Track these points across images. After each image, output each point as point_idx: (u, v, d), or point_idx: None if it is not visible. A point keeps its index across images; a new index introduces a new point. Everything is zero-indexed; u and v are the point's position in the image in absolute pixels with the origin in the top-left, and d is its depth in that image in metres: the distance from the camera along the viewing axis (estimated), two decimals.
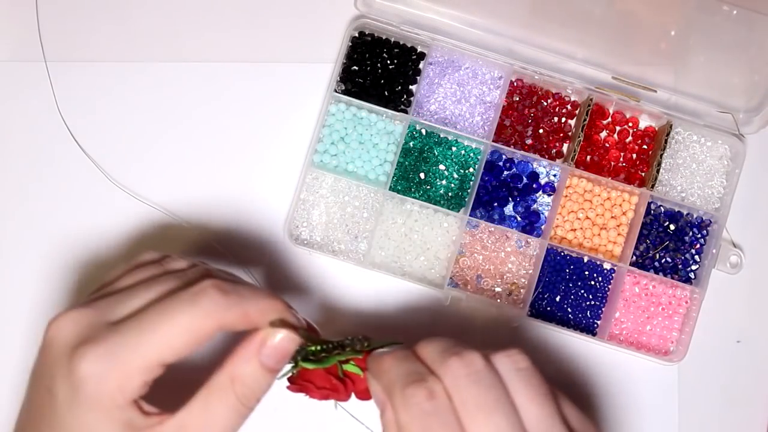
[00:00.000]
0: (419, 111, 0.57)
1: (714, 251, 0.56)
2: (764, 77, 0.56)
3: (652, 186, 0.56)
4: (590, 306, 0.56)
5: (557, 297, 0.56)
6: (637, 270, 0.55)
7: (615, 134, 0.58)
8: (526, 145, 0.57)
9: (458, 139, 0.57)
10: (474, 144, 0.57)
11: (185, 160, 0.57)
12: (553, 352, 0.56)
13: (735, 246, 0.57)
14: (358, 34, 0.57)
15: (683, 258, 0.56)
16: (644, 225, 0.56)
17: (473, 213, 0.56)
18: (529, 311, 0.55)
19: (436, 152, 0.56)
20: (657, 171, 0.56)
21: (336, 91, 0.56)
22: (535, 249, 0.56)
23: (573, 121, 0.58)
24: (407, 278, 0.55)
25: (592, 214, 0.56)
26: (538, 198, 0.57)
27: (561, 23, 0.56)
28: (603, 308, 0.56)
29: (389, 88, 0.57)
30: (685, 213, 0.57)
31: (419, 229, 0.56)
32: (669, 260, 0.56)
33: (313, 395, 0.42)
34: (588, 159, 0.57)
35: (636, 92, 0.56)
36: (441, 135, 0.57)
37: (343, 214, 0.56)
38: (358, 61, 0.56)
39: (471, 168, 0.56)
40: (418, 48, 0.57)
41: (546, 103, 0.58)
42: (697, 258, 0.57)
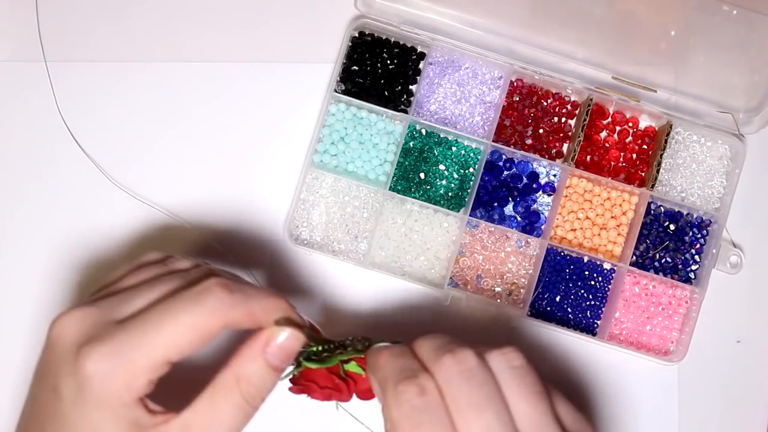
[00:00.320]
0: (419, 111, 0.57)
1: (714, 251, 0.56)
2: (764, 77, 0.56)
3: (652, 186, 0.56)
4: (590, 306, 0.56)
5: (557, 297, 0.56)
6: (637, 270, 0.55)
7: (615, 134, 0.58)
8: (526, 145, 0.57)
9: (458, 139, 0.57)
10: (474, 144, 0.57)
11: (185, 160, 0.57)
12: (553, 352, 0.56)
13: (735, 246, 0.57)
14: (358, 34, 0.57)
15: (683, 258, 0.56)
16: (644, 225, 0.56)
17: (473, 213, 0.56)
18: (529, 311, 0.55)
19: (436, 152, 0.56)
20: (657, 171, 0.56)
21: (336, 91, 0.56)
22: (535, 249, 0.56)
23: (573, 121, 0.58)
24: (407, 278, 0.55)
25: (592, 214, 0.56)
26: (538, 198, 0.57)
27: (561, 23, 0.56)
28: (603, 308, 0.56)
29: (389, 88, 0.57)
30: (685, 213, 0.57)
31: (419, 229, 0.56)
32: (669, 260, 0.56)
33: (316, 396, 0.42)
34: (588, 159, 0.57)
35: (636, 92, 0.56)
36: (441, 135, 0.57)
37: (343, 214, 0.56)
38: (358, 61, 0.56)
39: (471, 168, 0.56)
40: (418, 48, 0.57)
41: (546, 103, 0.58)
42: (697, 258, 0.57)
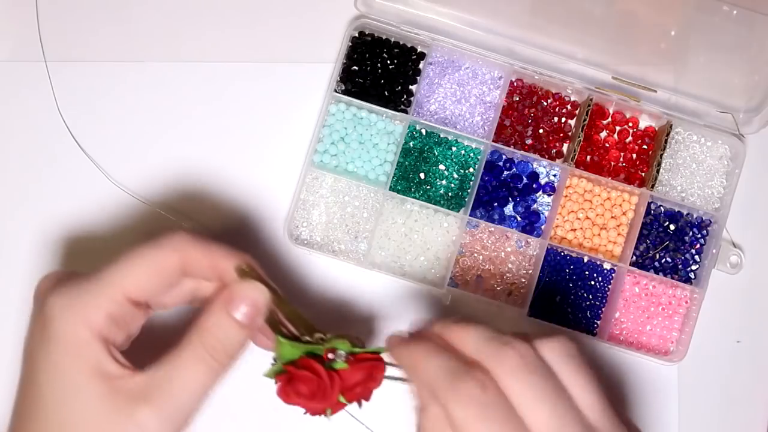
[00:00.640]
0: (419, 111, 0.57)
1: (714, 251, 0.56)
2: (764, 77, 0.56)
3: (652, 186, 0.56)
4: (590, 306, 0.56)
5: (557, 297, 0.56)
6: (637, 270, 0.55)
7: (615, 134, 0.58)
8: (526, 145, 0.57)
9: (458, 139, 0.57)
10: (474, 144, 0.57)
11: (185, 160, 0.57)
12: None
13: (735, 246, 0.57)
14: (358, 34, 0.57)
15: (683, 258, 0.56)
16: (644, 225, 0.56)
17: (473, 213, 0.56)
18: (529, 311, 0.55)
19: (436, 152, 0.56)
20: (657, 171, 0.56)
21: (336, 91, 0.56)
22: (535, 249, 0.56)
23: (573, 121, 0.58)
24: (407, 278, 0.55)
25: (592, 214, 0.56)
26: (538, 198, 0.57)
27: (561, 23, 0.56)
28: (603, 308, 0.56)
29: (389, 88, 0.57)
30: (685, 213, 0.57)
31: (419, 229, 0.56)
32: (669, 260, 0.56)
33: (301, 403, 0.42)
34: (588, 159, 0.57)
35: (636, 92, 0.56)
36: (441, 135, 0.57)
37: (343, 214, 0.56)
38: (358, 61, 0.56)
39: (471, 168, 0.56)
40: (418, 48, 0.57)
41: (546, 103, 0.58)
42: (697, 258, 0.57)
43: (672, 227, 0.57)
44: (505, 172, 0.57)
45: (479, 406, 0.33)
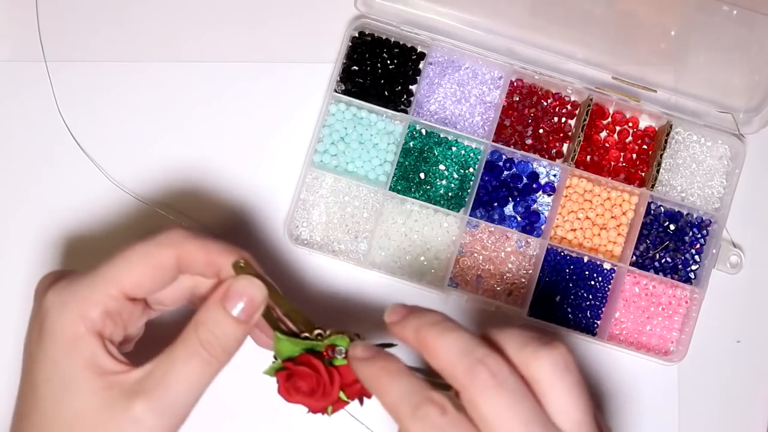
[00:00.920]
0: (419, 111, 0.57)
1: (714, 251, 0.56)
2: (764, 77, 0.56)
3: (652, 186, 0.56)
4: (590, 306, 0.56)
5: (557, 297, 0.56)
6: (637, 270, 0.55)
7: (615, 134, 0.58)
8: (526, 145, 0.57)
9: (458, 139, 0.57)
10: (474, 144, 0.57)
11: (185, 160, 0.57)
12: None
13: (735, 246, 0.57)
14: (358, 34, 0.57)
15: (683, 258, 0.56)
16: (644, 225, 0.56)
17: (473, 213, 0.56)
18: (529, 311, 0.55)
19: (436, 152, 0.56)
20: (657, 171, 0.56)
21: (336, 91, 0.56)
22: (535, 249, 0.56)
23: (573, 121, 0.58)
24: (407, 278, 0.55)
25: (592, 214, 0.56)
26: (538, 198, 0.57)
27: (561, 23, 0.56)
28: (603, 308, 0.56)
29: (389, 88, 0.57)
30: (685, 213, 0.57)
31: (419, 229, 0.56)
32: (669, 260, 0.56)
33: (302, 401, 0.42)
34: (588, 159, 0.57)
35: (636, 92, 0.56)
36: (441, 135, 0.57)
37: (343, 214, 0.56)
38: (358, 61, 0.56)
39: (471, 168, 0.56)
40: (418, 48, 0.57)
41: (546, 103, 0.58)
42: (697, 258, 0.57)
43: (672, 227, 0.56)
44: (505, 172, 0.57)
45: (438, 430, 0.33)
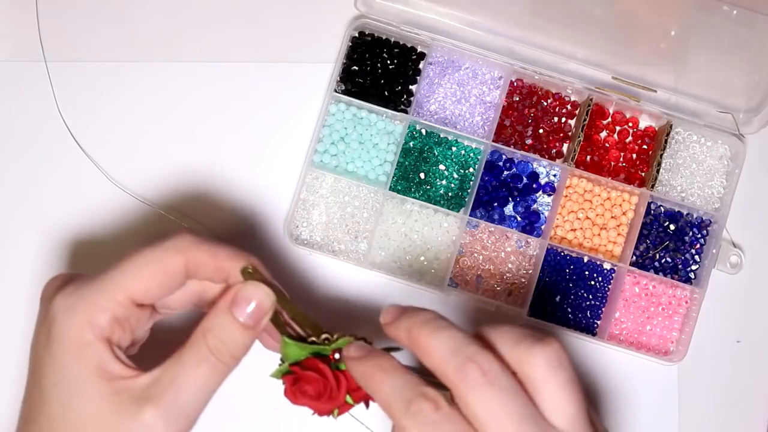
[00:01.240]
0: (419, 111, 0.57)
1: (714, 251, 0.56)
2: (764, 77, 0.56)
3: (652, 186, 0.56)
4: (590, 306, 0.56)
5: (557, 297, 0.56)
6: (637, 270, 0.55)
7: (615, 134, 0.58)
8: (526, 145, 0.57)
9: (458, 139, 0.57)
10: (474, 144, 0.57)
11: (185, 160, 0.57)
12: None
13: (735, 246, 0.57)
14: (358, 34, 0.57)
15: (683, 258, 0.56)
16: (644, 225, 0.56)
17: (473, 213, 0.56)
18: (529, 311, 0.55)
19: (436, 152, 0.56)
20: (657, 171, 0.56)
21: (336, 91, 0.56)
22: (535, 249, 0.56)
23: (573, 121, 0.58)
24: (407, 278, 0.55)
25: (592, 214, 0.56)
26: (538, 198, 0.57)
27: (561, 23, 0.56)
28: (603, 308, 0.56)
29: (389, 88, 0.57)
30: (685, 213, 0.57)
31: (419, 229, 0.56)
32: (669, 260, 0.56)
33: (310, 405, 0.42)
34: (588, 159, 0.57)
35: (636, 92, 0.56)
36: (441, 135, 0.57)
37: (343, 214, 0.56)
38: (358, 61, 0.56)
39: (471, 168, 0.56)
40: (418, 48, 0.57)
41: (546, 103, 0.58)
42: (697, 258, 0.57)
43: (672, 227, 0.56)
44: (505, 172, 0.57)
45: (432, 427, 0.33)
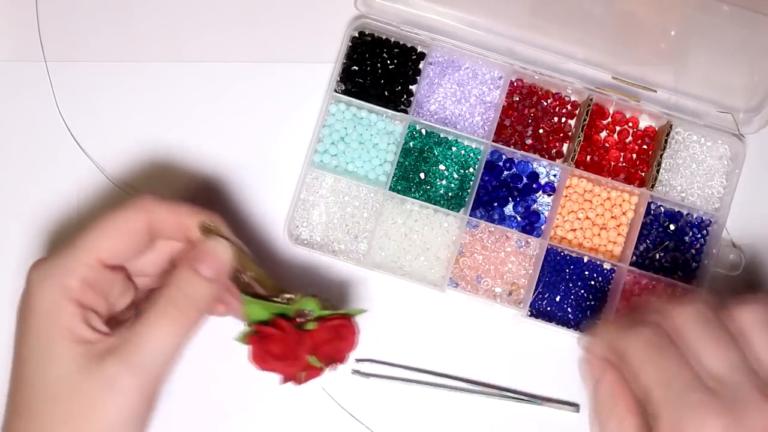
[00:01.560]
0: (419, 111, 0.57)
1: (714, 251, 0.56)
2: (764, 77, 0.56)
3: (652, 186, 0.56)
4: (590, 306, 0.56)
5: (557, 297, 0.56)
6: (637, 270, 0.55)
7: (615, 134, 0.58)
8: (526, 145, 0.57)
9: (458, 139, 0.57)
10: (474, 144, 0.57)
11: (185, 160, 0.57)
12: (553, 352, 0.56)
13: (735, 246, 0.57)
14: (358, 34, 0.57)
15: (683, 258, 0.56)
16: (644, 225, 0.56)
17: (473, 213, 0.56)
18: (529, 311, 0.55)
19: (436, 152, 0.56)
20: (657, 171, 0.56)
21: (336, 91, 0.56)
22: (535, 249, 0.56)
23: (573, 121, 0.58)
24: (407, 278, 0.55)
25: (592, 214, 0.56)
26: (538, 198, 0.57)
27: (561, 23, 0.56)
28: (603, 308, 0.56)
29: (389, 88, 0.57)
30: (685, 213, 0.57)
31: (419, 229, 0.56)
32: (669, 260, 0.56)
33: (274, 368, 0.42)
34: (588, 159, 0.57)
35: (636, 92, 0.56)
36: (441, 135, 0.57)
37: (343, 214, 0.56)
38: (358, 61, 0.56)
39: (471, 168, 0.56)
40: (418, 48, 0.57)
41: (546, 103, 0.58)
42: (697, 258, 0.56)
43: (672, 227, 0.56)
44: (505, 172, 0.57)
45: (652, 346, 0.36)
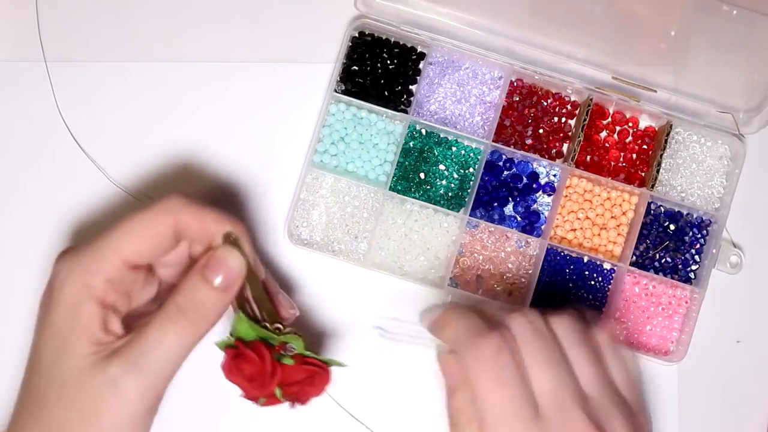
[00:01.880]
0: (419, 111, 0.57)
1: (714, 251, 0.56)
2: (764, 77, 0.56)
3: (652, 186, 0.56)
4: (590, 306, 0.56)
5: (557, 297, 0.56)
6: (637, 270, 0.55)
7: (615, 134, 0.58)
8: (526, 145, 0.57)
9: (458, 139, 0.57)
10: (474, 144, 0.57)
11: (185, 160, 0.57)
12: None
13: (735, 246, 0.57)
14: (358, 34, 0.57)
15: (683, 258, 0.56)
16: (644, 225, 0.56)
17: (473, 213, 0.56)
18: None
19: (436, 152, 0.56)
20: (657, 171, 0.56)
21: (336, 91, 0.56)
22: (535, 249, 0.56)
23: (573, 121, 0.58)
24: (407, 278, 0.55)
25: (592, 214, 0.56)
26: (538, 198, 0.57)
27: (561, 23, 0.56)
28: (603, 308, 0.56)
29: (389, 88, 0.57)
30: (685, 213, 0.57)
31: (419, 229, 0.56)
32: (669, 260, 0.56)
33: (240, 379, 0.42)
34: (588, 159, 0.57)
35: (636, 92, 0.56)
36: (441, 135, 0.57)
37: (343, 214, 0.56)
38: (358, 61, 0.56)
39: (471, 168, 0.56)
40: (418, 48, 0.57)
41: (546, 103, 0.58)
42: (697, 258, 0.57)
43: (672, 227, 0.57)
44: (505, 172, 0.57)
45: (493, 366, 0.39)
